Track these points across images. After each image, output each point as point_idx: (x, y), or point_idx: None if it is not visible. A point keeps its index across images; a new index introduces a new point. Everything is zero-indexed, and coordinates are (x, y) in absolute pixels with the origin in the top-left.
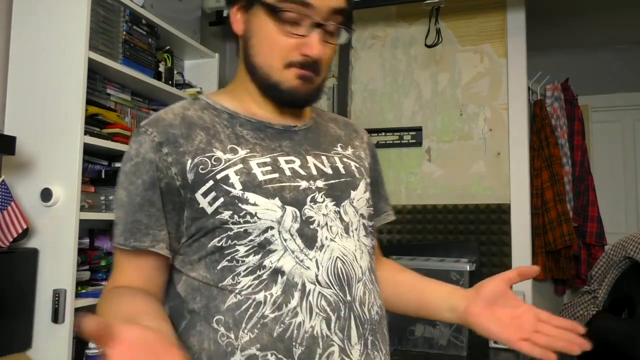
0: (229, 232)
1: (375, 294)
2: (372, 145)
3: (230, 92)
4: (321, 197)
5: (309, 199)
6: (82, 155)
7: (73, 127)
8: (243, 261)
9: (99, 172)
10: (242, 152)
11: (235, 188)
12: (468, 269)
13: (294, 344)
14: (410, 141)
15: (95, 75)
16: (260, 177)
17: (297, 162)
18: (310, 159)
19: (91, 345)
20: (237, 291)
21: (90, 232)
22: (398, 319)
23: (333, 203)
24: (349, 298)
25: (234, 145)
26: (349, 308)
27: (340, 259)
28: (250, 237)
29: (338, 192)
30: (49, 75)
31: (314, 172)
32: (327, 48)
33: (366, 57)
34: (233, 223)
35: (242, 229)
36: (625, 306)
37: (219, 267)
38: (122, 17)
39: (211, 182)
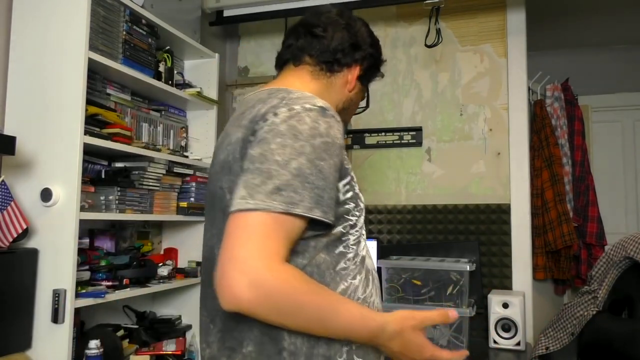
0: (349, 222)
1: None
2: None
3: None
4: None
5: None
6: (82, 155)
7: (73, 127)
8: (352, 248)
9: (99, 172)
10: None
11: (357, 186)
12: (468, 269)
13: None
14: (410, 141)
15: (95, 75)
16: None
17: None
18: None
19: (91, 345)
20: (345, 277)
21: (90, 232)
22: None
23: None
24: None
25: None
26: None
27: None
28: (356, 229)
29: None
30: (49, 75)
31: None
32: None
33: None
34: (352, 215)
35: (355, 221)
36: (625, 306)
37: (336, 252)
38: (122, 17)
39: (349, 177)
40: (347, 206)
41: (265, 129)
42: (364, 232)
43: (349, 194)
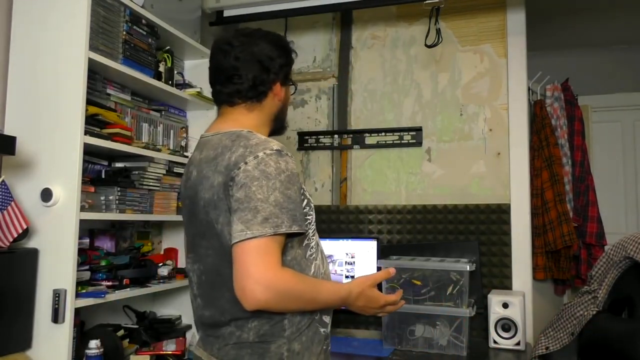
0: (307, 221)
1: None
2: None
3: (257, 132)
4: None
5: None
6: (82, 155)
7: (73, 127)
8: (312, 239)
9: (99, 172)
10: None
11: (307, 194)
12: (468, 269)
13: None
14: (410, 141)
15: (95, 75)
16: None
17: None
18: None
19: (91, 345)
20: (313, 260)
21: (90, 232)
22: (398, 319)
23: None
24: None
25: None
26: None
27: None
28: (312, 223)
29: None
30: (49, 75)
31: None
32: None
33: (366, 57)
34: (309, 215)
35: (311, 219)
36: (625, 306)
37: (304, 245)
38: (122, 17)
39: (302, 190)
40: (305, 210)
41: (242, 175)
42: (314, 226)
43: (305, 202)
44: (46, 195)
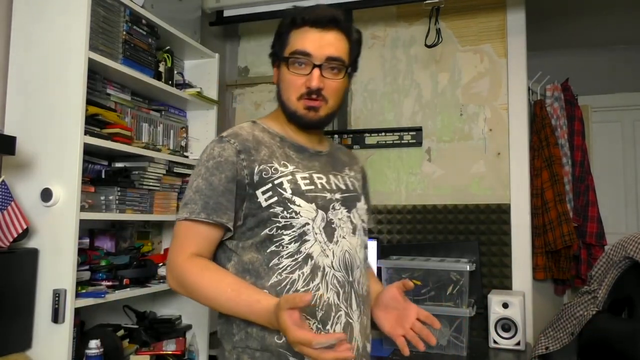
0: (277, 224)
1: (365, 276)
2: (364, 169)
3: (275, 119)
4: (338, 205)
5: (331, 206)
6: (82, 155)
7: (73, 127)
8: (288, 247)
9: (99, 172)
10: (290, 167)
11: (286, 192)
12: (468, 269)
13: (317, 309)
14: (410, 141)
15: (95, 75)
16: (303, 187)
17: (324, 178)
18: (331, 177)
19: (91, 345)
20: (279, 271)
21: (90, 232)
22: None
23: (346, 210)
24: (350, 279)
25: (285, 162)
26: (350, 285)
27: (347, 252)
28: (293, 229)
29: (349, 203)
30: (49, 75)
31: (334, 187)
32: (329, 81)
33: (366, 57)
34: (282, 217)
35: (288, 222)
36: (625, 306)
37: (268, 251)
38: (122, 17)
39: (270, 185)
40: (272, 210)
41: None
42: (315, 232)
43: (273, 199)
44: (46, 195)
